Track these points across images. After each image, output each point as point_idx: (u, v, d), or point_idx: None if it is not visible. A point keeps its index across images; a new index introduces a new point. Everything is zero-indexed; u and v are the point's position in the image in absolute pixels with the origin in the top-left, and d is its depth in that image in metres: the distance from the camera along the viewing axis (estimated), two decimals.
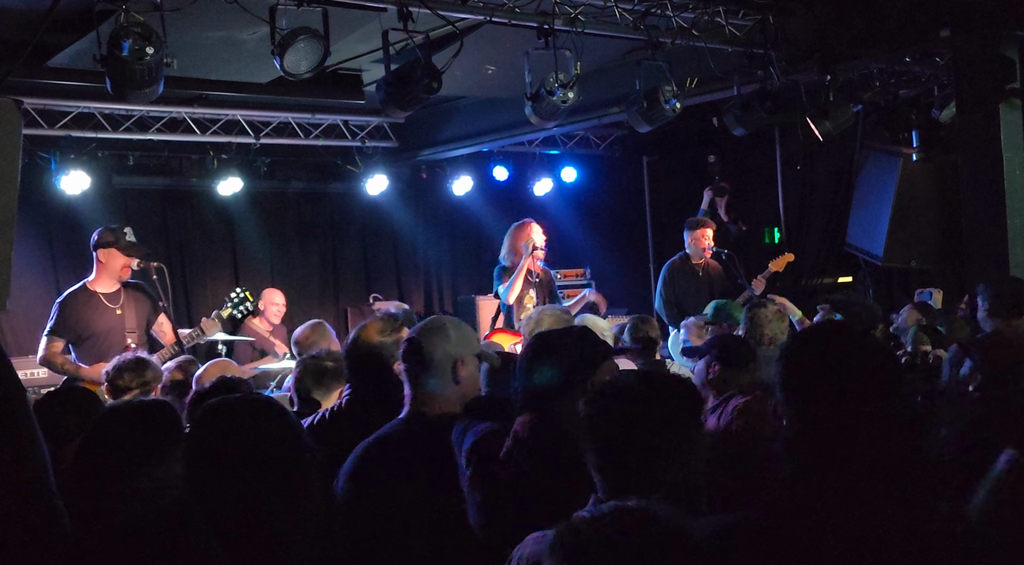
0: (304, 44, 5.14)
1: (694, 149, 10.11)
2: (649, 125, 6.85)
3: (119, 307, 6.13)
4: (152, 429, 2.61)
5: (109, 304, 6.12)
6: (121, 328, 6.11)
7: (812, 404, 1.83)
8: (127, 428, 2.61)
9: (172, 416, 2.72)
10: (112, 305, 6.13)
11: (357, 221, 10.90)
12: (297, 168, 10.41)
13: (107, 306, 6.11)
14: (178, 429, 2.68)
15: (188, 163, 9.60)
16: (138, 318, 6.18)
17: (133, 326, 6.15)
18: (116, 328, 6.10)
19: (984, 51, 5.94)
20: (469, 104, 9.42)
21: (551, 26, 5.86)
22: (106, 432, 2.63)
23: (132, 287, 6.28)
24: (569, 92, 6.01)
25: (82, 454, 2.63)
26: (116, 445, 2.57)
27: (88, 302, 6.08)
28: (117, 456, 2.55)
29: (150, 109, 8.26)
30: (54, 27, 6.02)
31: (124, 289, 6.20)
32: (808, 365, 1.87)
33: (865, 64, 7.34)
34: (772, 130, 9.49)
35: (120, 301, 6.15)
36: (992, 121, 5.85)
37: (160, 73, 4.88)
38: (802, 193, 9.82)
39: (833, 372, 1.83)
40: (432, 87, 5.57)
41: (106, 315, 6.08)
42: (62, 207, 8.76)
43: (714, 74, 6.71)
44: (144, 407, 2.75)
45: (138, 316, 6.19)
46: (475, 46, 6.25)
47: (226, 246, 10.18)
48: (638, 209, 11.31)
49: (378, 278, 11.04)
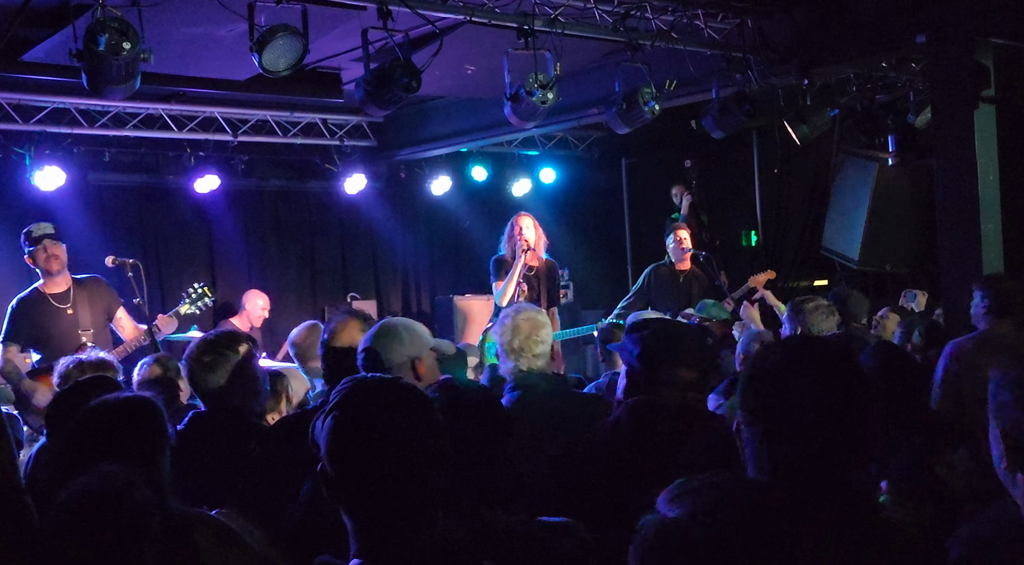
0: (283, 41, 5.12)
1: (672, 151, 10.14)
2: (628, 127, 6.87)
3: (70, 306, 6.07)
4: (139, 429, 2.48)
5: (59, 305, 6.06)
6: (74, 327, 6.04)
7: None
8: (111, 428, 2.46)
9: (159, 414, 2.57)
10: (62, 305, 6.07)
11: (335, 220, 10.87)
12: (275, 166, 10.36)
13: (57, 307, 6.05)
14: (165, 429, 2.55)
15: (165, 160, 9.53)
16: (93, 315, 6.11)
17: (88, 324, 6.07)
18: (69, 328, 6.03)
19: (959, 58, 6.00)
20: (448, 104, 9.41)
21: (531, 27, 5.86)
22: (89, 432, 2.47)
23: (86, 282, 6.21)
24: (548, 93, 6.02)
25: (63, 453, 2.54)
26: (100, 447, 2.42)
27: (37, 306, 6.03)
28: (100, 458, 2.44)
29: (126, 105, 8.20)
30: (29, 21, 5.97)
31: (76, 286, 6.13)
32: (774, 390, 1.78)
33: (842, 69, 7.39)
34: (750, 133, 9.54)
35: (71, 300, 6.09)
36: (966, 127, 5.90)
37: (137, 68, 4.85)
38: (779, 196, 9.87)
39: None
40: (411, 86, 5.56)
41: (57, 317, 6.02)
42: (36, 203, 8.66)
43: (693, 77, 6.75)
44: (129, 404, 2.56)
45: (92, 313, 6.11)
46: (455, 46, 6.24)
47: (203, 244, 10.12)
48: (616, 210, 11.34)
49: (356, 277, 11.01)
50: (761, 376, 1.81)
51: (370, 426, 1.73)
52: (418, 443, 1.74)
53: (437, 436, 1.78)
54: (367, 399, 1.78)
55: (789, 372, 1.78)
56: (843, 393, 1.76)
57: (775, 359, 1.83)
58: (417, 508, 1.72)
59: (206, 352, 3.52)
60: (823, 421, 1.73)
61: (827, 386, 1.75)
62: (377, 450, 1.71)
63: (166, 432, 2.56)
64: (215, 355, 3.49)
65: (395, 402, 1.77)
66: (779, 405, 1.75)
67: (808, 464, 1.72)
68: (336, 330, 3.39)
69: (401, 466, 1.71)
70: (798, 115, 7.33)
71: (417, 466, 1.72)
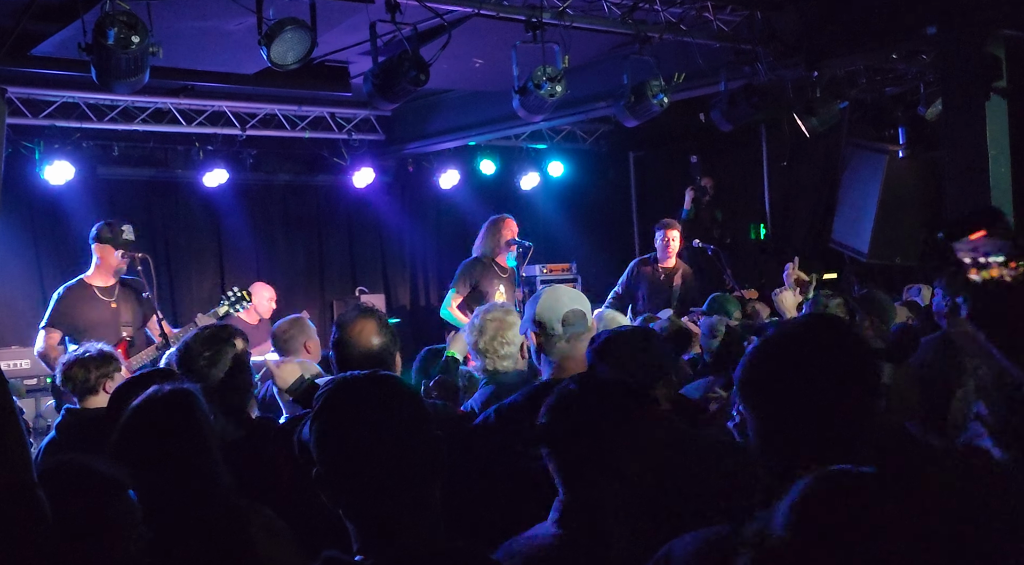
0: (291, 35, 5.12)
1: (681, 144, 10.12)
2: (636, 120, 6.86)
3: (113, 301, 6.16)
4: (186, 422, 2.45)
5: (104, 298, 6.14)
6: (116, 322, 6.13)
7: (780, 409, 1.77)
8: (160, 424, 2.44)
9: (202, 406, 2.54)
10: (107, 298, 6.15)
11: (343, 214, 10.87)
12: (283, 160, 10.37)
13: (102, 300, 6.14)
14: (209, 420, 2.52)
15: (173, 154, 9.55)
16: (133, 314, 6.20)
17: (128, 320, 6.18)
18: (110, 322, 6.12)
19: (970, 49, 5.97)
20: (456, 98, 9.40)
21: (539, 19, 5.85)
22: (140, 429, 2.45)
23: (130, 282, 6.30)
24: (556, 86, 6.01)
25: (115, 453, 2.51)
26: (151, 442, 2.41)
27: (83, 295, 6.10)
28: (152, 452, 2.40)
29: (135, 99, 8.22)
30: (39, 15, 5.98)
31: (120, 284, 6.22)
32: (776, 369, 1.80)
33: (852, 61, 7.36)
34: (758, 126, 9.51)
35: (115, 295, 6.19)
36: (977, 119, 5.88)
37: (146, 62, 4.85)
38: (788, 189, 9.85)
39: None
40: (419, 80, 5.56)
41: (100, 308, 6.10)
42: (46, 197, 8.71)
43: (701, 70, 6.73)
44: (175, 400, 2.52)
45: (133, 312, 6.21)
46: (462, 39, 6.23)
47: (211, 238, 10.14)
48: (624, 204, 11.32)
49: (364, 271, 11.02)
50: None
51: (358, 424, 1.70)
52: (409, 439, 1.70)
53: (428, 431, 1.74)
54: (354, 397, 1.75)
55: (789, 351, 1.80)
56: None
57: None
58: (414, 506, 1.69)
59: (206, 346, 3.47)
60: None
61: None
62: (367, 449, 1.67)
63: (210, 423, 2.55)
64: (215, 349, 3.45)
65: (383, 398, 1.73)
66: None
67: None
68: (349, 331, 3.23)
69: (393, 463, 1.67)
70: (807, 107, 7.30)
71: (409, 463, 1.69)
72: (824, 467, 1.42)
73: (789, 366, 1.78)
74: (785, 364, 1.79)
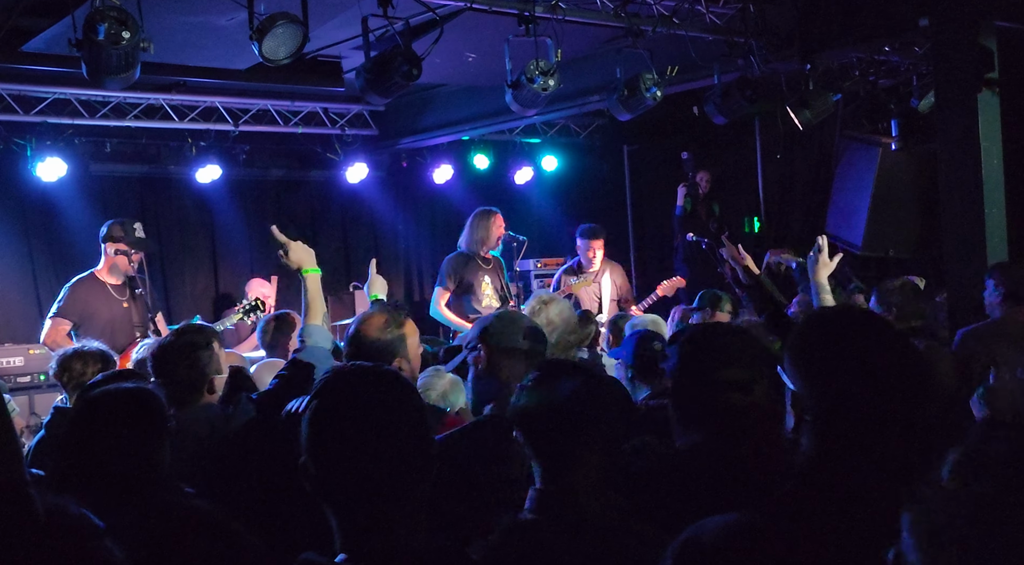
0: (283, 30, 5.10)
1: (674, 138, 10.12)
2: (630, 113, 6.85)
3: (125, 300, 6.18)
4: (142, 419, 2.49)
5: (117, 296, 6.17)
6: (128, 321, 6.18)
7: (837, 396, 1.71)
8: (115, 420, 2.47)
9: (161, 405, 2.59)
10: (119, 297, 6.18)
11: (336, 209, 10.85)
12: (276, 156, 10.35)
13: (115, 298, 6.16)
14: (166, 420, 2.58)
15: (166, 150, 9.52)
16: (141, 314, 6.24)
17: (139, 321, 6.22)
18: (122, 320, 6.15)
19: (963, 41, 5.96)
20: (449, 92, 9.38)
21: (532, 13, 5.84)
22: (93, 424, 2.49)
23: (137, 282, 6.33)
24: (550, 80, 6.00)
25: (67, 449, 2.54)
26: (104, 439, 2.44)
27: (95, 289, 6.13)
28: (106, 450, 2.43)
29: (127, 95, 8.18)
30: (29, 11, 5.96)
31: (130, 282, 6.23)
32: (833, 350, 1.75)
33: (845, 53, 7.35)
34: (752, 119, 9.50)
35: (127, 294, 6.21)
36: (970, 111, 5.87)
37: (137, 58, 4.83)
38: (781, 182, 9.85)
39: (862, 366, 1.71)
40: (412, 74, 5.54)
41: (112, 305, 6.13)
42: (38, 194, 8.68)
43: (695, 62, 6.71)
44: (131, 396, 2.57)
45: (141, 312, 6.23)
46: (455, 33, 6.22)
47: (205, 234, 10.12)
48: (619, 197, 11.33)
49: (358, 267, 10.99)
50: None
51: (348, 416, 1.66)
52: (400, 434, 1.66)
53: (421, 426, 1.71)
54: (346, 388, 1.72)
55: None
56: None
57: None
58: (401, 504, 1.65)
59: (184, 346, 3.46)
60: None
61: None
62: (356, 442, 1.64)
63: (166, 423, 2.56)
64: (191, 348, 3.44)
65: (375, 391, 1.69)
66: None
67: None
68: (356, 325, 3.17)
69: (382, 458, 1.63)
70: (801, 100, 7.30)
71: (399, 458, 1.65)
72: None
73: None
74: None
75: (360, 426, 1.65)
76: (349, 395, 1.70)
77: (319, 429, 1.68)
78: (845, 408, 1.72)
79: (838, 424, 1.72)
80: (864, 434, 1.70)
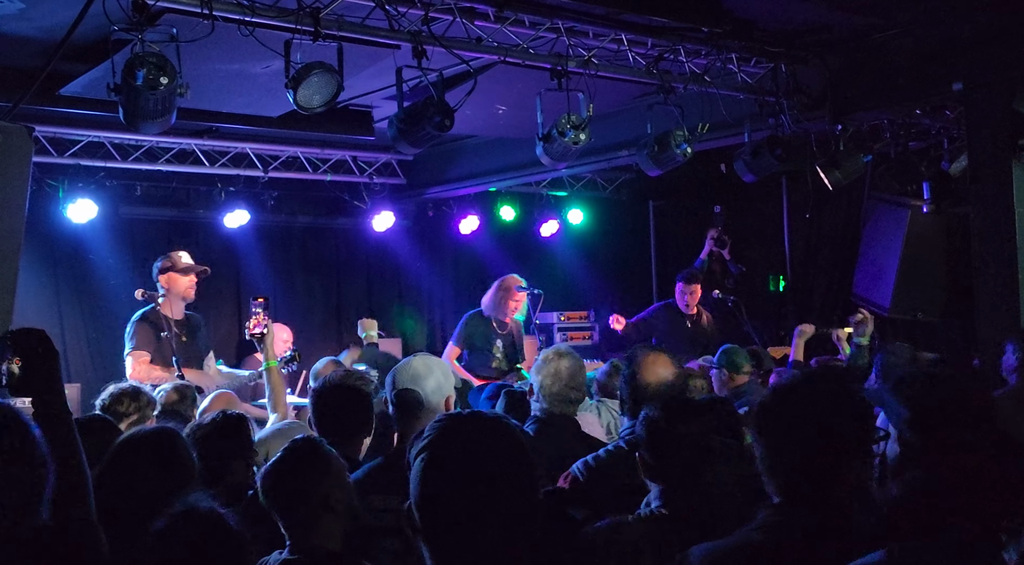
0: (318, 78, 5.15)
1: (701, 195, 10.11)
2: (659, 168, 6.85)
3: (184, 334, 6.28)
4: (169, 462, 2.54)
5: (178, 330, 6.28)
6: (197, 355, 6.41)
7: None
8: (145, 463, 2.53)
9: (186, 449, 2.65)
10: (179, 331, 6.28)
11: (362, 257, 10.87)
12: (304, 202, 10.39)
13: (176, 332, 6.30)
14: (192, 462, 2.62)
15: (195, 195, 9.58)
16: (198, 349, 6.45)
17: (198, 353, 6.43)
18: (190, 354, 6.35)
19: (997, 106, 5.95)
20: (477, 143, 9.43)
21: (564, 67, 5.87)
22: (124, 466, 2.55)
23: (193, 318, 6.57)
24: (581, 134, 6.01)
25: (100, 486, 2.56)
26: (134, 483, 2.50)
27: (160, 325, 6.23)
28: (136, 494, 2.47)
29: (160, 140, 8.26)
30: (68, 56, 6.03)
31: (188, 318, 6.34)
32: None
33: (876, 115, 7.35)
34: (779, 178, 9.50)
35: (185, 328, 6.34)
36: (1004, 175, 5.84)
37: (173, 103, 4.87)
38: (809, 242, 9.81)
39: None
40: (444, 125, 5.56)
41: (173, 341, 6.22)
42: (68, 235, 8.73)
43: (725, 120, 6.72)
44: (158, 439, 2.64)
45: (198, 347, 6.46)
46: (486, 85, 6.25)
47: (231, 279, 10.12)
48: (643, 253, 11.30)
49: (381, 315, 10.92)
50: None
51: (462, 471, 1.57)
52: (513, 489, 1.57)
53: (531, 480, 1.61)
54: (460, 437, 1.62)
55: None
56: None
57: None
58: (505, 558, 1.57)
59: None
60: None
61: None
62: (462, 495, 1.55)
63: (191, 460, 2.60)
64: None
65: (491, 443, 1.60)
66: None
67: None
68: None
69: (488, 515, 1.55)
70: (831, 160, 7.28)
71: (510, 515, 1.56)
72: None
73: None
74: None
75: (470, 479, 1.56)
76: (463, 444, 1.61)
77: (430, 483, 1.59)
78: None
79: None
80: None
